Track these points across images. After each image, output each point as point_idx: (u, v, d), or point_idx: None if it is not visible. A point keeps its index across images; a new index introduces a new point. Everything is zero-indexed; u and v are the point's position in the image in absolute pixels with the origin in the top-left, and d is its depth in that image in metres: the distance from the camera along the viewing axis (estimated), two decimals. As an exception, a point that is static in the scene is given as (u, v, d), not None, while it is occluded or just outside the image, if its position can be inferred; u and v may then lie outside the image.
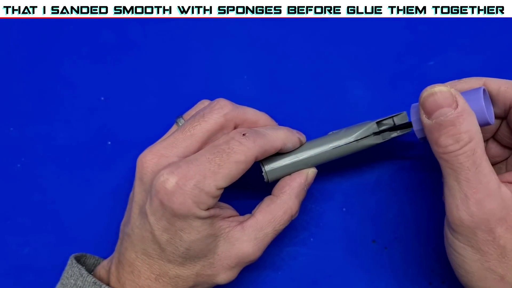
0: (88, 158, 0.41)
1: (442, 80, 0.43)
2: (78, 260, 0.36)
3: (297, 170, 0.34)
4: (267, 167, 0.34)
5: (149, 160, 0.32)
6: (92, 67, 0.44)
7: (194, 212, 0.29)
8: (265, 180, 0.35)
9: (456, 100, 0.28)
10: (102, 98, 0.43)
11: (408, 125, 0.34)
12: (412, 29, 0.44)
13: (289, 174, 0.34)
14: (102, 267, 0.35)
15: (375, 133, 0.34)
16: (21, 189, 0.41)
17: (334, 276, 0.38)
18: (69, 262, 0.35)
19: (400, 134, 0.35)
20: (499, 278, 0.28)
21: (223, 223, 0.32)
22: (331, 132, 0.36)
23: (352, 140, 0.34)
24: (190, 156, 0.31)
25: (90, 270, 0.36)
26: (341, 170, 0.40)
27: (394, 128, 0.35)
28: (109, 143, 0.42)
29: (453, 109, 0.27)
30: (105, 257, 0.37)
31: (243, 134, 0.31)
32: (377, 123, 0.35)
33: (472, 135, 0.27)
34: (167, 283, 0.32)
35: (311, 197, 0.38)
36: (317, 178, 0.38)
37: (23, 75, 0.43)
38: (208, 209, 0.30)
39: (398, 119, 0.35)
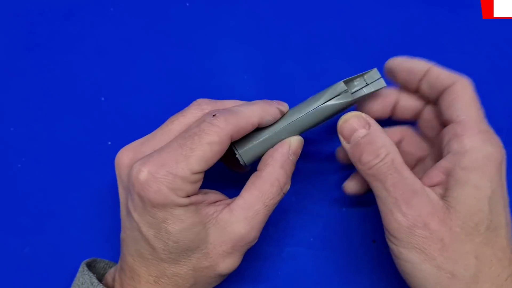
0: (88, 158, 0.41)
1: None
2: (89, 265, 0.35)
3: (274, 145, 0.33)
4: (240, 150, 0.32)
5: (125, 156, 0.32)
6: (92, 67, 0.44)
7: (172, 200, 0.28)
8: (241, 163, 0.33)
9: (368, 122, 0.31)
10: (103, 99, 0.43)
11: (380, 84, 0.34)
12: (412, 29, 0.44)
13: (262, 151, 0.33)
14: (109, 275, 0.35)
15: (345, 92, 0.32)
16: (21, 189, 0.41)
17: (334, 276, 0.38)
18: (80, 269, 0.34)
19: (372, 90, 0.34)
20: (450, 276, 0.28)
21: (209, 209, 0.31)
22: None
23: (321, 102, 0.32)
24: (162, 146, 0.30)
25: (101, 275, 0.36)
26: (341, 170, 0.40)
27: (366, 87, 0.34)
28: (109, 143, 0.42)
29: (367, 130, 0.30)
30: (107, 258, 0.37)
31: (214, 115, 0.30)
32: (346, 82, 0.33)
33: (388, 148, 0.30)
34: (167, 284, 0.31)
35: (311, 197, 0.38)
36: (317, 178, 0.38)
37: (23, 75, 0.43)
38: (188, 196, 0.29)
39: (369, 77, 0.34)
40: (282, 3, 0.45)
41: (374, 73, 0.34)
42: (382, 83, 0.34)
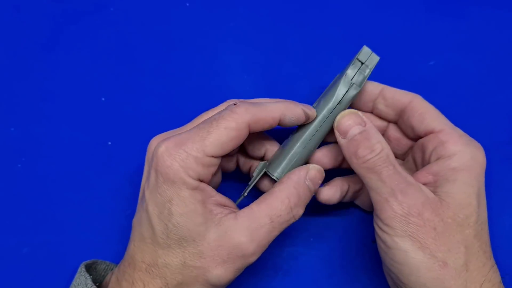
0: (88, 158, 0.41)
1: (442, 80, 0.43)
2: (90, 267, 0.35)
3: (303, 158, 0.34)
4: (276, 173, 0.34)
5: (155, 140, 0.33)
6: (93, 67, 0.44)
7: (181, 177, 0.29)
8: (275, 178, 0.34)
9: (363, 120, 0.32)
10: (103, 99, 0.43)
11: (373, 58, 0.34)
12: (412, 29, 0.44)
13: (299, 165, 0.34)
14: (110, 275, 0.35)
15: (350, 86, 0.33)
16: (21, 189, 0.41)
17: (334, 276, 0.38)
18: (78, 270, 0.34)
19: (371, 68, 0.34)
20: (442, 264, 0.29)
21: (215, 208, 0.31)
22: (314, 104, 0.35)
23: (333, 107, 0.33)
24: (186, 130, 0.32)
25: (101, 276, 0.36)
26: (341, 170, 0.40)
27: (363, 67, 0.34)
28: (110, 143, 0.42)
29: (363, 127, 0.32)
30: (107, 259, 0.37)
31: (235, 104, 0.31)
32: (347, 72, 0.34)
33: (383, 145, 0.31)
34: (156, 275, 0.31)
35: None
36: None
37: (24, 75, 0.43)
38: (199, 180, 0.30)
39: (363, 56, 0.34)
40: (281, 4, 0.45)
41: (366, 50, 0.34)
42: (375, 57, 0.34)
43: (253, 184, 0.35)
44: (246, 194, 0.35)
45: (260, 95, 0.42)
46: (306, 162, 0.35)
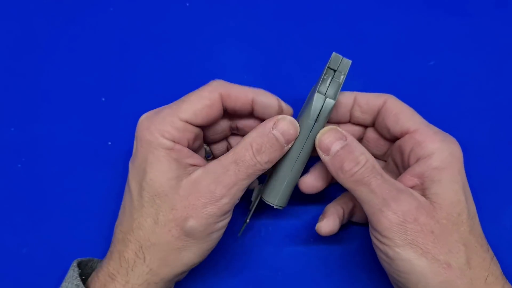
0: (88, 158, 0.41)
1: (442, 80, 0.43)
2: (86, 265, 0.35)
3: (293, 181, 0.34)
4: (270, 200, 0.34)
5: (142, 118, 0.34)
6: (93, 67, 0.44)
7: (156, 137, 0.31)
8: (281, 208, 0.35)
9: (344, 134, 0.32)
10: (103, 99, 0.43)
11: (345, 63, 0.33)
12: (412, 29, 0.44)
13: (291, 187, 0.34)
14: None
15: (324, 101, 0.32)
16: (21, 189, 0.41)
17: (334, 276, 0.38)
18: (71, 266, 0.34)
19: (344, 75, 0.33)
20: (446, 266, 0.29)
21: (189, 167, 0.32)
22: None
23: (313, 123, 0.32)
24: None
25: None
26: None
27: (337, 74, 0.33)
28: (110, 143, 0.42)
29: (344, 141, 0.32)
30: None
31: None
32: (319, 88, 0.32)
33: (367, 156, 0.31)
34: (130, 241, 0.31)
35: (311, 196, 0.38)
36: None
37: (24, 76, 0.43)
38: (173, 141, 0.31)
39: (334, 63, 0.33)
40: (281, 3, 0.45)
41: (336, 56, 0.33)
42: (347, 62, 0.33)
43: (253, 209, 0.36)
44: (248, 220, 0.36)
45: (260, 95, 0.42)
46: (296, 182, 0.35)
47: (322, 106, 0.32)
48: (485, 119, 0.42)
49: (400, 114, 0.34)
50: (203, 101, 0.32)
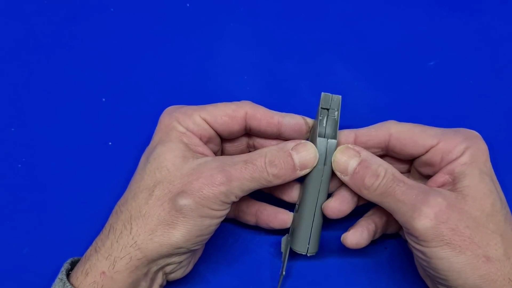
0: (88, 158, 0.41)
1: (442, 80, 0.43)
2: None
3: (318, 225, 0.35)
4: (299, 249, 0.35)
5: (168, 108, 0.36)
6: (93, 68, 0.44)
7: (174, 125, 0.33)
8: (314, 254, 0.36)
9: (357, 150, 0.32)
10: (104, 99, 0.43)
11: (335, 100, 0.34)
12: (412, 29, 0.44)
13: (318, 232, 0.35)
14: None
15: (327, 144, 0.33)
16: (21, 189, 0.41)
17: (334, 276, 0.38)
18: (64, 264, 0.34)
19: (337, 111, 0.34)
20: (485, 259, 0.29)
21: (199, 155, 0.33)
22: None
23: (321, 169, 0.33)
24: None
25: None
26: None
27: (331, 112, 0.34)
28: (110, 143, 0.42)
29: (359, 158, 0.32)
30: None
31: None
32: (319, 132, 0.33)
33: (385, 166, 0.32)
34: (122, 211, 0.32)
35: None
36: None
37: (24, 76, 0.44)
38: (187, 129, 0.33)
39: (325, 102, 0.34)
40: (281, 4, 0.45)
41: (325, 96, 0.34)
42: (337, 98, 0.34)
43: (286, 261, 0.36)
44: (284, 272, 0.36)
45: (260, 95, 0.42)
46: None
47: (326, 149, 0.33)
48: (485, 119, 0.42)
49: (414, 137, 0.34)
50: (226, 110, 0.34)
